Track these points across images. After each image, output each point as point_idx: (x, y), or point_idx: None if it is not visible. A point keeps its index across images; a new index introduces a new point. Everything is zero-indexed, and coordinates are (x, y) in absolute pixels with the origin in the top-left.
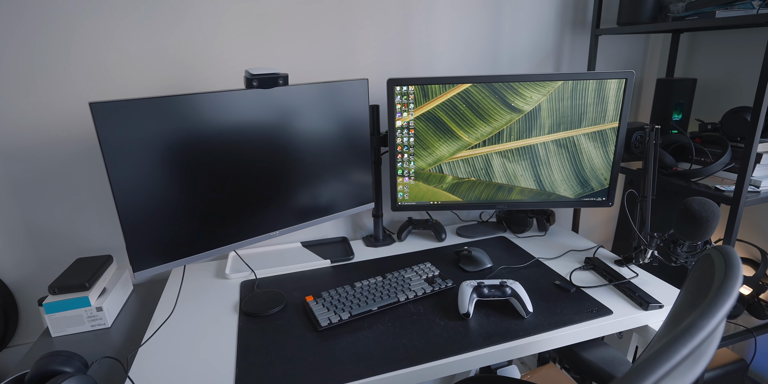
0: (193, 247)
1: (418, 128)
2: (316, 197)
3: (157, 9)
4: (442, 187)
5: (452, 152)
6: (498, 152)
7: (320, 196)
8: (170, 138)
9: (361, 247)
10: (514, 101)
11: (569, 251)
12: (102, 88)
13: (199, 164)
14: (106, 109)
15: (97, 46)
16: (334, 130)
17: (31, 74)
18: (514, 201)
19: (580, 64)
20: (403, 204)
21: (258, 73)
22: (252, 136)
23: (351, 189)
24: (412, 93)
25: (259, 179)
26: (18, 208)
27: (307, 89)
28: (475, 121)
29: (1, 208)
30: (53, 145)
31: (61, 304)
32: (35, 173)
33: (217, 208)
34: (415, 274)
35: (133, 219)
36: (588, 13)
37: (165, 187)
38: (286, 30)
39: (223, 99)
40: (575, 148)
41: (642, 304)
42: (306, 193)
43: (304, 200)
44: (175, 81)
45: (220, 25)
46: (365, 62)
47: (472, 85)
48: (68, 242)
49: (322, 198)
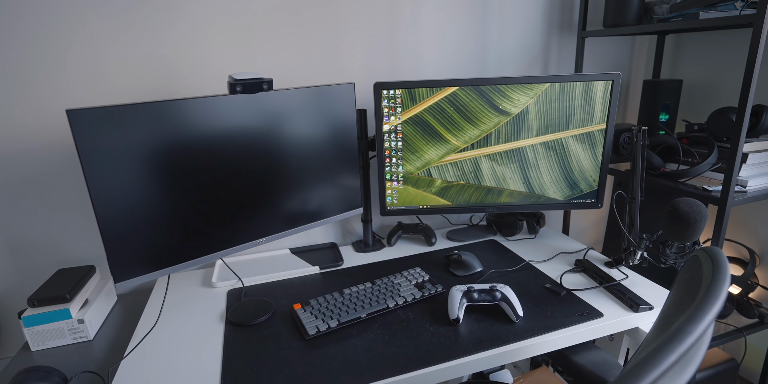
0: (177, 256)
1: (405, 132)
2: (304, 203)
3: (143, 15)
4: (431, 191)
5: (441, 156)
6: (487, 155)
7: (308, 201)
8: (152, 145)
9: (350, 252)
10: (502, 104)
11: (559, 254)
12: (83, 95)
13: (182, 171)
14: (83, 116)
15: (79, 52)
16: (322, 135)
17: (6, 80)
18: (503, 204)
19: (568, 66)
20: (392, 208)
21: (242, 78)
22: (237, 141)
23: (339, 194)
24: (399, 97)
25: (245, 185)
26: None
27: (293, 94)
28: (463, 124)
29: None
30: (31, 153)
31: (40, 317)
32: (13, 182)
33: (202, 215)
34: (404, 279)
35: (114, 228)
36: (574, 15)
37: (147, 195)
38: (274, 35)
39: (206, 104)
40: (564, 150)
41: (632, 306)
42: (293, 199)
43: (291, 206)
44: (160, 86)
45: (207, 31)
46: (353, 66)
47: (459, 88)
48: (49, 253)
49: (310, 203)
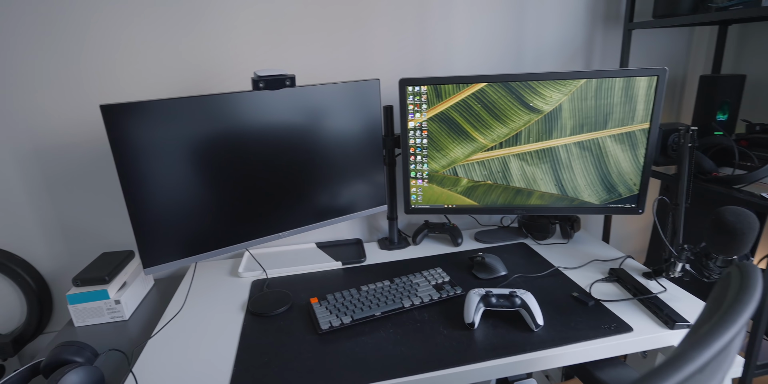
0: (203, 246)
1: (431, 129)
2: (330, 197)
3: (173, 11)
4: (457, 190)
5: (467, 154)
6: (516, 155)
7: (333, 196)
8: (181, 138)
9: (374, 249)
10: (533, 101)
11: (593, 261)
12: (124, 91)
13: (211, 164)
14: (116, 111)
15: (119, 51)
16: (348, 131)
17: (59, 78)
18: (533, 206)
19: (613, 61)
20: (417, 207)
21: (264, 74)
22: (265, 136)
23: (365, 190)
24: (424, 93)
25: (273, 179)
26: (52, 204)
27: (317, 90)
28: (491, 122)
29: (37, 204)
30: (82, 144)
31: (82, 295)
32: (67, 171)
33: (229, 207)
34: (423, 279)
35: (144, 217)
36: (621, 5)
37: (175, 186)
38: (301, 31)
39: (233, 100)
40: (600, 150)
41: (668, 322)
42: (319, 194)
43: (317, 200)
44: (189, 83)
45: (234, 28)
46: (381, 62)
47: (487, 84)
48: (96, 237)
49: (336, 198)
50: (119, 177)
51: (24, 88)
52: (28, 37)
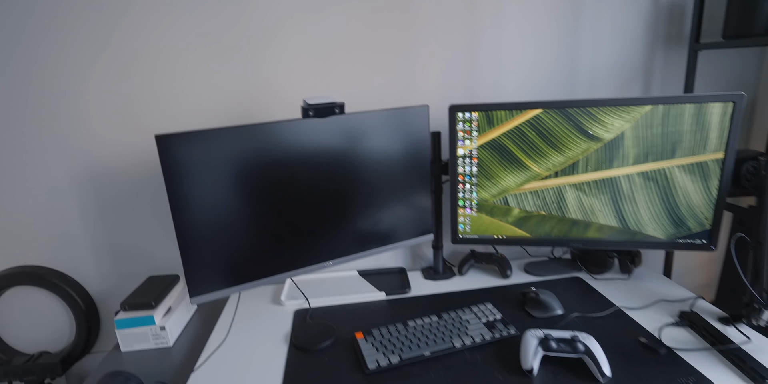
0: (249, 275)
1: (481, 157)
2: (375, 226)
3: (230, 41)
4: (508, 220)
5: (519, 183)
6: (572, 184)
7: (378, 225)
8: (230, 167)
9: (419, 279)
10: (592, 128)
11: (659, 301)
12: (174, 117)
13: (258, 192)
14: (170, 141)
15: (172, 77)
16: (394, 158)
17: (114, 104)
18: (590, 239)
19: (675, 85)
20: (465, 237)
21: (314, 102)
22: (311, 164)
23: (410, 219)
24: (475, 120)
25: (318, 207)
26: (104, 227)
27: (366, 117)
28: (546, 150)
29: (90, 226)
30: (134, 170)
31: (129, 321)
32: (119, 196)
33: (275, 235)
34: (473, 315)
35: (192, 246)
36: (685, 25)
37: (223, 215)
38: (348, 57)
39: (281, 128)
40: (667, 181)
41: (756, 378)
42: (364, 222)
43: (362, 229)
44: (241, 109)
45: (286, 55)
46: (428, 87)
47: (543, 110)
48: (143, 259)
49: (381, 227)
50: (171, 206)
51: (80, 114)
52: (85, 64)
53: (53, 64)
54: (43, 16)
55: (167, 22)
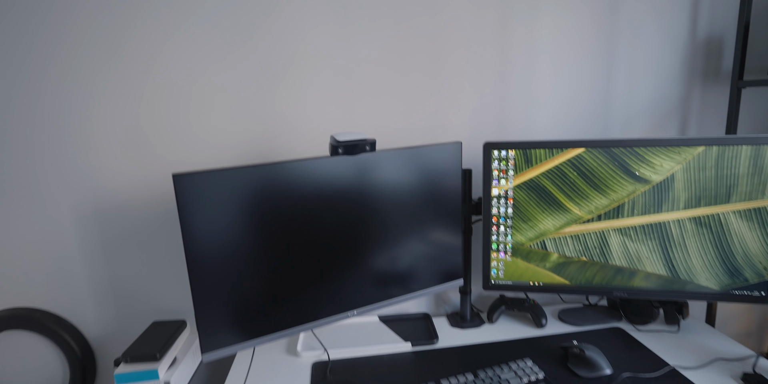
0: (267, 327)
1: (518, 198)
2: (401, 271)
3: (251, 74)
4: (546, 266)
5: (559, 227)
6: (617, 229)
7: (405, 270)
8: (250, 210)
9: (445, 326)
10: (639, 170)
11: (716, 360)
12: (188, 151)
13: (281, 237)
14: (188, 180)
15: (188, 110)
16: (422, 198)
17: (119, 137)
18: (636, 288)
19: (715, 123)
20: (498, 283)
21: (344, 139)
22: (337, 205)
23: (439, 263)
24: (512, 158)
25: (343, 252)
26: (106, 266)
27: (396, 154)
28: (589, 191)
29: (91, 265)
30: (140, 207)
31: (131, 375)
32: (125, 233)
33: (297, 282)
34: (513, 374)
35: (206, 296)
36: (724, 61)
37: (242, 260)
38: (375, 91)
39: (307, 167)
40: (721, 228)
41: None
42: (391, 267)
43: (388, 275)
44: (261, 142)
45: (309, 87)
46: (456, 122)
47: (585, 150)
48: (147, 302)
49: (408, 272)
50: (185, 250)
51: (86, 143)
52: (93, 93)
53: (59, 92)
54: (50, 43)
55: (180, 48)
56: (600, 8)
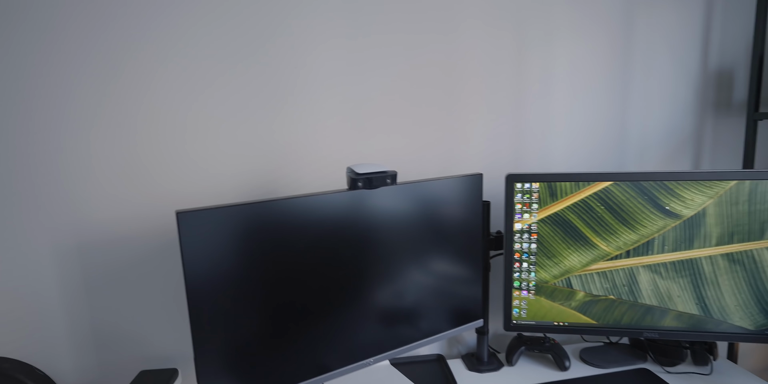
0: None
1: (542, 233)
2: (418, 314)
3: (251, 99)
4: (571, 305)
5: (585, 263)
6: (646, 266)
7: (422, 312)
8: (260, 249)
9: (461, 369)
10: (670, 204)
11: None
12: (186, 181)
13: (291, 280)
14: (193, 218)
15: (183, 136)
16: (440, 233)
17: (115, 163)
18: (668, 328)
19: (728, 155)
20: (519, 323)
21: (364, 171)
22: (351, 243)
23: (457, 302)
24: (536, 191)
25: (356, 296)
26: (88, 308)
27: (414, 187)
28: (617, 226)
29: (71, 307)
30: (130, 241)
31: None
32: (109, 270)
33: (310, 329)
34: None
35: (209, 345)
36: (735, 92)
37: (250, 304)
38: (386, 119)
39: (321, 202)
40: (755, 265)
41: None
42: (407, 310)
43: (404, 319)
44: (263, 173)
45: (314, 115)
46: (470, 152)
47: (613, 183)
48: (133, 348)
49: (425, 315)
50: (187, 295)
51: (70, 171)
52: (84, 117)
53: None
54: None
55: (179, 71)
56: (615, 36)
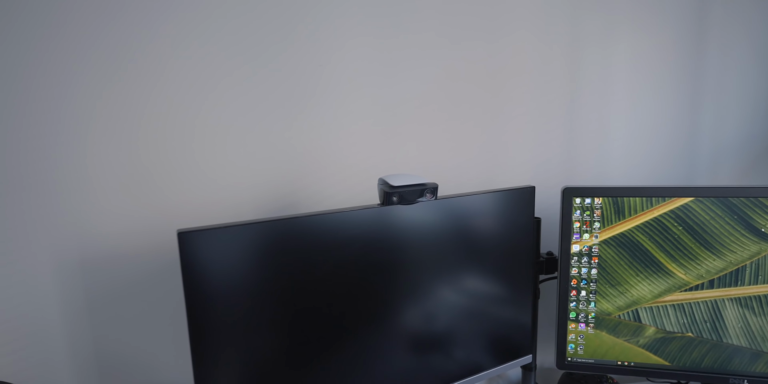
0: None
1: (604, 256)
2: (460, 349)
3: (266, 100)
4: (639, 342)
5: (657, 294)
6: (734, 298)
7: (464, 347)
8: (276, 273)
9: None
10: (766, 225)
11: None
12: (195, 193)
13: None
14: (195, 238)
15: (192, 142)
16: (483, 256)
17: (120, 172)
18: (760, 375)
19: None
20: (576, 361)
21: (400, 184)
22: (384, 268)
23: (501, 335)
24: (598, 207)
25: (388, 330)
26: (90, 329)
27: (456, 202)
28: (698, 251)
29: (73, 328)
30: (136, 257)
31: None
32: (114, 287)
33: (328, 373)
34: None
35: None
36: None
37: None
38: (420, 125)
39: (348, 219)
40: None
41: None
42: (448, 345)
43: (445, 355)
44: (281, 184)
45: (339, 119)
46: (515, 162)
47: (694, 199)
48: (139, 373)
49: (466, 350)
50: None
51: (71, 181)
52: (83, 121)
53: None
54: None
55: (187, 65)
56: (684, 28)
